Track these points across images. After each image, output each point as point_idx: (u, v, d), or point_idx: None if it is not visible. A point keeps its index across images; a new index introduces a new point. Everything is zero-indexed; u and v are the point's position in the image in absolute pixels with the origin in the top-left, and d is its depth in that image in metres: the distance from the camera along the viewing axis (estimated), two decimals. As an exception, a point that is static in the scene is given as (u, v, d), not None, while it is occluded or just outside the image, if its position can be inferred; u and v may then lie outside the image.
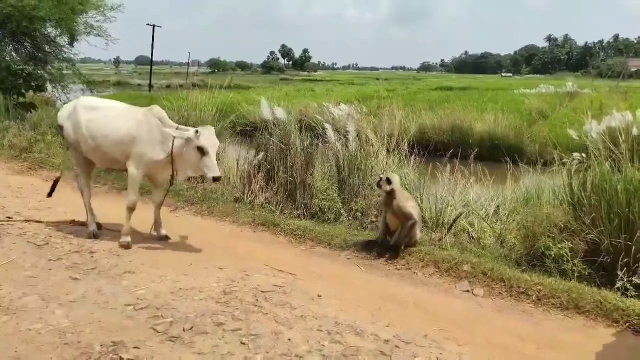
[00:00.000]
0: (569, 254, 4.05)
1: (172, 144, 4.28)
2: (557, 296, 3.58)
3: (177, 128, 4.34)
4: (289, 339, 2.98)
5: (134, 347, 2.83)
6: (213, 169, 4.13)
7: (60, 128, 4.81)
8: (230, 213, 5.46)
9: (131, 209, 4.49)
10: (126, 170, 4.51)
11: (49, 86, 16.66)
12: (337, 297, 3.61)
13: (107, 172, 7.32)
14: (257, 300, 3.49)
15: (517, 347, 3.03)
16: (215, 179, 4.17)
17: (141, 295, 3.49)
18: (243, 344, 2.91)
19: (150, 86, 38.65)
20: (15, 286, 3.57)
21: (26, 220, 5.08)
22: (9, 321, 3.09)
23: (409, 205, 4.43)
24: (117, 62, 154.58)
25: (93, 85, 19.04)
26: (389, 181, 4.39)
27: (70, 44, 17.17)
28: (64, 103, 14.78)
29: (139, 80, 56.48)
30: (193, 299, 3.47)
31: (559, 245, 4.09)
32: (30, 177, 7.39)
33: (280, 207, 5.67)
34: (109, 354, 2.76)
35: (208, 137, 4.19)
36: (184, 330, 3.03)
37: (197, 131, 4.20)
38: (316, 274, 4.05)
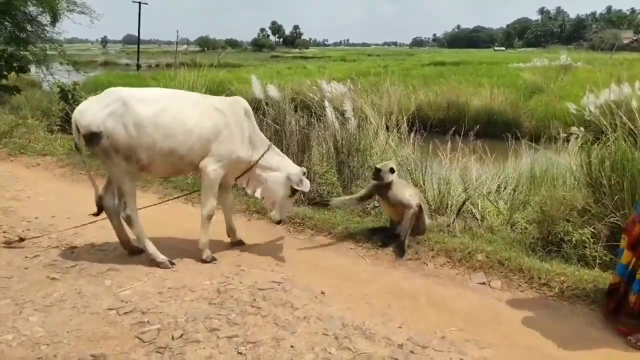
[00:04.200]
0: (591, 240, 3.74)
1: (262, 156, 3.88)
2: (582, 287, 3.28)
3: (269, 146, 3.96)
4: (292, 346, 2.66)
5: (117, 361, 2.50)
6: (284, 213, 4.03)
7: (92, 137, 3.40)
8: (222, 200, 5.10)
9: (210, 217, 3.81)
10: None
11: (32, 67, 16.06)
12: (342, 293, 3.29)
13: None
14: (254, 300, 3.16)
15: (543, 348, 2.74)
16: (279, 223, 4.03)
17: (126, 297, 3.15)
18: (240, 353, 2.59)
19: (138, 66, 37.70)
20: (-14, 289, 3.22)
21: None
22: (-24, 332, 2.75)
23: (407, 193, 4.08)
24: (104, 41, 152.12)
25: (79, 66, 18.40)
26: (392, 170, 4.05)
27: (53, 22, 16.49)
28: (51, 85, 14.25)
29: (127, 60, 55.23)
30: (183, 300, 3.13)
31: (580, 231, 3.78)
32: (11, 163, 6.99)
33: (276, 193, 5.30)
34: (88, 370, 2.44)
35: (306, 183, 3.92)
36: (173, 338, 2.69)
37: (304, 173, 3.90)
38: (318, 267, 3.73)
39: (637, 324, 2.83)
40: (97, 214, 3.82)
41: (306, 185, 3.86)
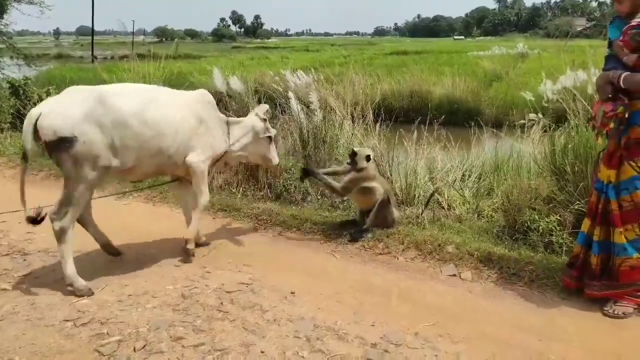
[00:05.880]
0: (557, 227, 3.77)
1: (229, 136, 3.82)
2: (552, 276, 3.29)
3: (227, 121, 3.87)
4: (262, 352, 2.55)
5: (74, 378, 2.34)
6: (277, 156, 4.12)
7: (61, 142, 2.90)
8: (185, 198, 4.91)
9: (206, 207, 3.82)
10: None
11: (-24, 63, 15.20)
12: (312, 292, 3.19)
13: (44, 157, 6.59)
14: (221, 303, 3.02)
15: (517, 340, 2.72)
16: (278, 165, 4.23)
17: (82, 307, 2.97)
18: (208, 363, 2.46)
19: (93, 58, 36.31)
20: None
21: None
22: None
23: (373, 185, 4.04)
24: (57, 33, 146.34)
25: (30, 60, 17.54)
26: (368, 158, 4.00)
27: (0, 14, 15.65)
28: (0, 80, 13.46)
29: (81, 52, 53.19)
30: (145, 307, 2.97)
31: (547, 219, 3.80)
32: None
33: (241, 189, 5.16)
34: (41, 390, 2.26)
35: (271, 129, 4.05)
36: (134, 350, 2.54)
37: (265, 120, 3.97)
38: (287, 265, 3.62)
39: (600, 285, 2.97)
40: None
41: (271, 130, 4.00)
